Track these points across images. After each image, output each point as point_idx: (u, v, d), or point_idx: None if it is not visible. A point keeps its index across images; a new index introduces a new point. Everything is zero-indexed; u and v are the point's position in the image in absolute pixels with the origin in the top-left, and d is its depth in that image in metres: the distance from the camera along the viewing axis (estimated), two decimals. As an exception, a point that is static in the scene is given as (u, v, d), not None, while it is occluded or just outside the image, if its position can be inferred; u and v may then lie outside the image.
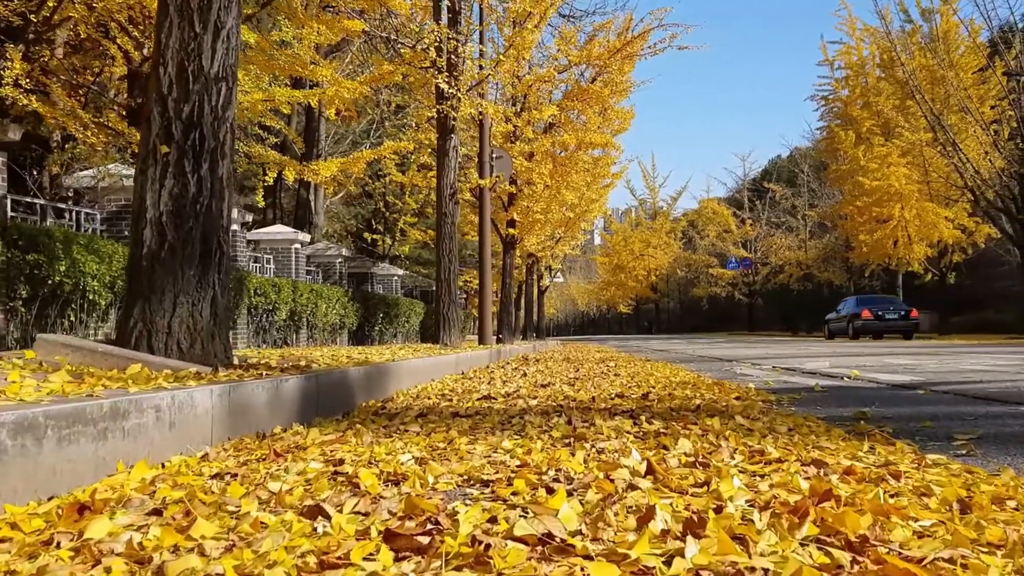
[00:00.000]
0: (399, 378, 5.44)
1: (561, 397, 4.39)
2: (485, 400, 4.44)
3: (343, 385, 4.29)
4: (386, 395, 5.05)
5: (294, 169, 18.72)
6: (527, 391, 4.99)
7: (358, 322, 20.93)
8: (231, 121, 4.36)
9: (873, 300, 28.84)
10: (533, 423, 3.13)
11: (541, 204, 20.26)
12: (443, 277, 12.62)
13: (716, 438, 2.48)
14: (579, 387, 5.22)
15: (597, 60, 19.74)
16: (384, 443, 2.70)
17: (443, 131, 12.70)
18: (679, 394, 4.36)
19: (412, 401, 4.64)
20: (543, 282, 40.65)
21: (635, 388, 4.99)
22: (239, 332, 14.59)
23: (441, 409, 3.87)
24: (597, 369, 7.79)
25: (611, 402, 4.03)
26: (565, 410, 3.66)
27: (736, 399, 4.00)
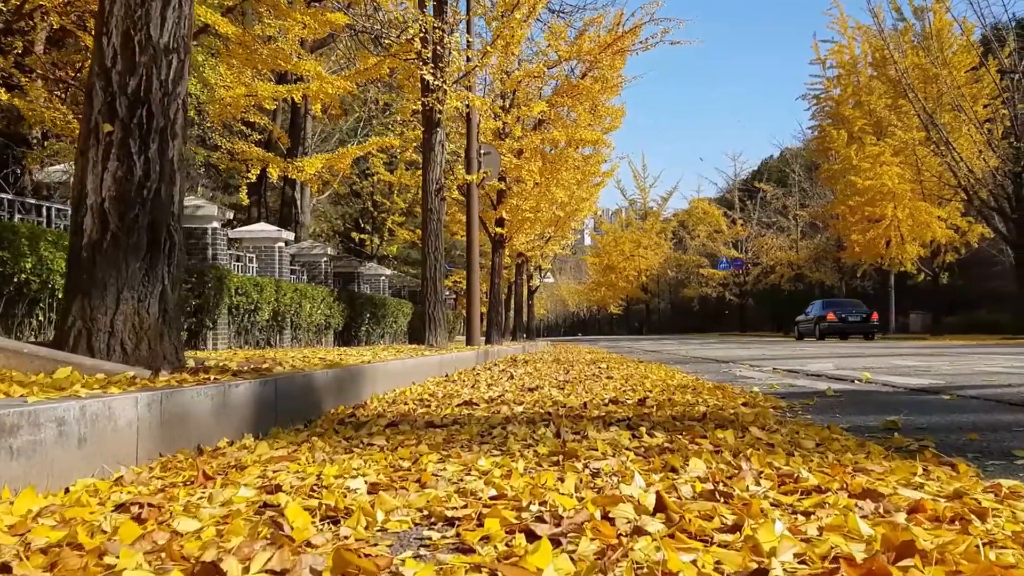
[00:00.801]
0: (374, 381, 5.01)
1: (549, 403, 3.97)
2: (466, 406, 4.02)
3: (308, 390, 3.87)
4: (359, 400, 4.63)
5: (278, 166, 18.25)
6: (512, 396, 4.58)
7: (344, 322, 20.47)
8: (183, 98, 3.93)
9: (837, 304, 30.76)
10: (516, 435, 2.71)
11: (530, 202, 19.85)
12: (429, 275, 12.20)
13: (734, 457, 2.07)
14: (569, 391, 4.81)
15: (587, 55, 19.34)
16: (339, 461, 2.28)
17: (429, 124, 12.27)
18: (679, 399, 3.95)
19: (386, 407, 4.22)
20: (533, 282, 40.24)
21: (630, 392, 4.58)
22: (219, 333, 14.14)
23: (415, 418, 3.45)
24: (588, 371, 7.38)
25: (605, 409, 3.62)
26: (553, 419, 3.25)
27: (744, 405, 3.60)
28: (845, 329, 29.09)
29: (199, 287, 13.51)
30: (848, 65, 36.01)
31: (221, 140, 19.81)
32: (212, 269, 13.76)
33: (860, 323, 29.03)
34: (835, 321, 29.12)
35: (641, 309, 74.90)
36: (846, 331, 29.10)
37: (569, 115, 20.96)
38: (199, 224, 14.38)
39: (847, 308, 29.84)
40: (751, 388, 4.82)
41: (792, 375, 6.49)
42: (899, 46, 30.28)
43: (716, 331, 56.50)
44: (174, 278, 3.87)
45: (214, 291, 13.68)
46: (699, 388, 4.72)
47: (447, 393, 4.97)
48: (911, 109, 28.87)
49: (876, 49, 33.18)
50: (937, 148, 27.63)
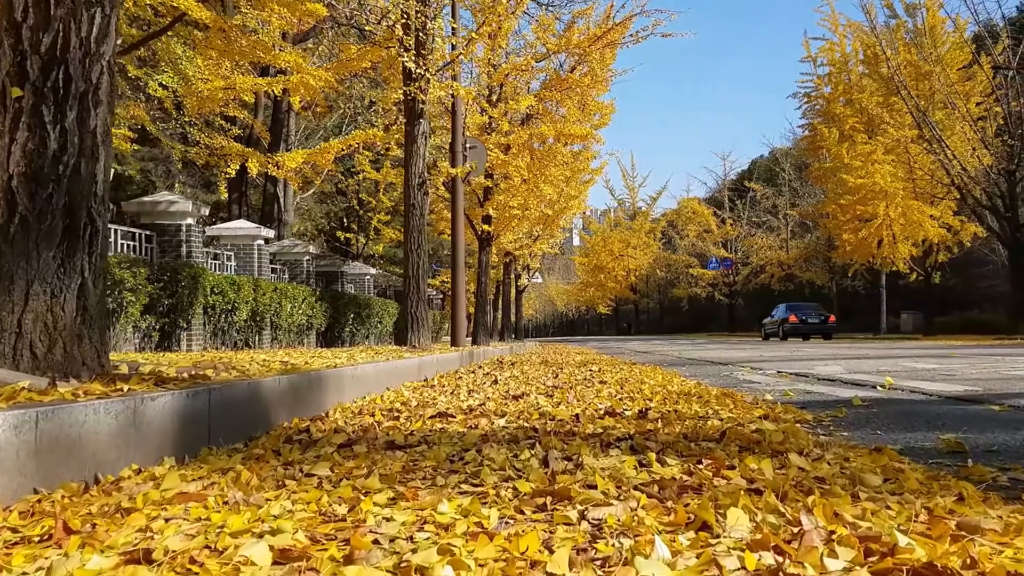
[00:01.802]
0: (340, 388, 4.46)
1: (536, 415, 3.43)
2: (439, 419, 3.47)
3: (254, 401, 3.31)
4: (321, 410, 4.08)
5: (257, 160, 17.66)
6: (495, 405, 4.03)
7: (327, 323, 19.89)
8: (109, 59, 3.37)
9: (799, 307, 33.17)
10: (494, 462, 2.17)
11: (518, 199, 19.29)
12: (411, 273, 11.63)
13: (781, 500, 1.54)
14: (559, 399, 4.27)
15: (577, 48, 18.80)
16: (259, 502, 1.73)
17: (411, 115, 11.70)
18: (686, 410, 3.42)
19: (349, 420, 3.67)
20: (521, 282, 39.69)
21: (627, 401, 4.05)
22: (194, 333, 13.56)
23: (377, 435, 2.90)
24: (579, 375, 6.84)
25: (600, 423, 3.07)
26: (540, 437, 2.70)
27: (764, 419, 3.07)
28: (805, 330, 31.59)
29: (172, 286, 12.93)
30: (839, 63, 35.66)
31: (200, 135, 19.20)
32: (186, 267, 13.18)
33: (819, 325, 31.66)
34: (797, 323, 31.74)
35: (630, 309, 74.51)
36: (807, 332, 31.60)
37: (558, 110, 20.43)
38: (173, 221, 13.79)
39: (807, 311, 32.41)
40: (762, 395, 4.30)
41: (802, 379, 5.96)
42: (891, 43, 29.92)
43: (705, 331, 56.13)
44: (97, 270, 3.29)
45: (188, 290, 13.10)
46: (704, 396, 4.19)
47: (422, 401, 4.42)
48: (903, 107, 28.50)
49: (868, 46, 32.81)
50: (930, 146, 27.26)
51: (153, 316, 12.67)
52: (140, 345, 12.66)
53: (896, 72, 27.48)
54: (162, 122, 22.18)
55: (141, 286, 11.84)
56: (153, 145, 25.83)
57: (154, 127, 21.60)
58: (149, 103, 21.43)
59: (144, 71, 17.52)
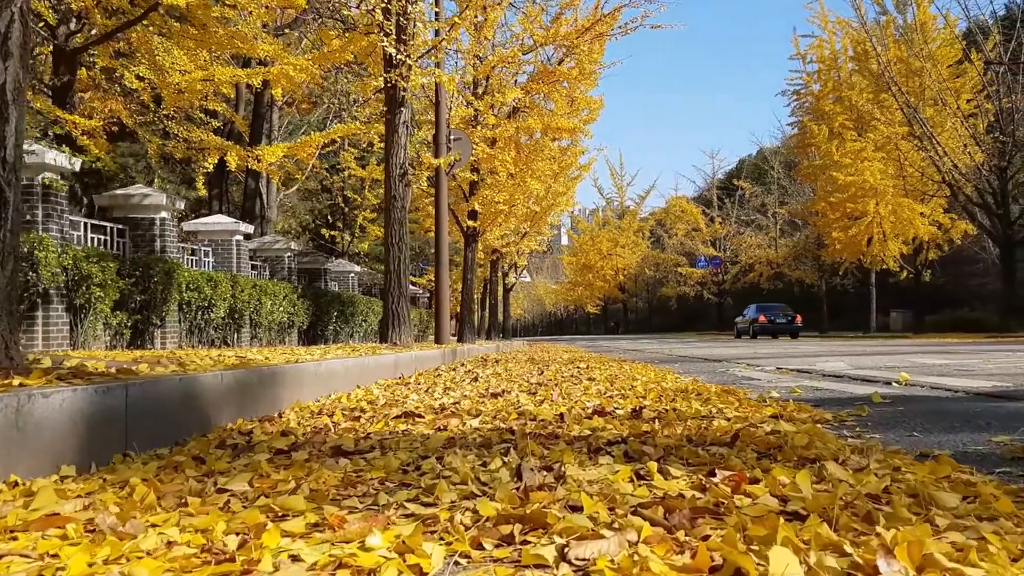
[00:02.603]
0: (300, 386, 4.02)
1: (514, 414, 3.00)
2: (403, 419, 3.04)
3: (189, 400, 2.87)
4: (276, 409, 3.64)
5: (236, 154, 17.17)
6: (470, 403, 3.60)
7: (309, 321, 19.42)
8: (21, 6, 2.91)
9: (768, 308, 35.51)
10: (456, 473, 1.74)
11: (504, 194, 18.85)
12: (393, 268, 11.17)
13: (835, 530, 1.12)
14: (542, 396, 3.84)
15: (564, 40, 18.38)
16: (134, 530, 1.30)
17: (392, 104, 11.25)
18: (686, 409, 3.00)
19: (304, 420, 3.24)
20: (508, 280, 39.24)
21: (618, 399, 3.63)
22: (168, 330, 13.08)
23: (324, 440, 2.46)
24: (566, 372, 6.42)
25: (588, 423, 2.65)
26: (517, 440, 2.28)
27: (776, 418, 2.65)
28: (773, 329, 33.91)
29: (144, 281, 12.45)
30: (828, 60, 35.45)
31: (177, 128, 18.68)
32: (159, 262, 12.70)
33: (786, 324, 33.93)
34: (766, 322, 34.11)
35: (619, 308, 74.21)
36: (774, 331, 33.87)
37: (546, 104, 20.02)
38: (146, 214, 13.31)
39: (776, 312, 34.80)
40: (767, 392, 3.89)
41: (805, 376, 5.54)
42: (881, 40, 29.64)
43: (694, 330, 55.82)
44: (6, 249, 2.84)
45: (162, 286, 12.61)
46: (704, 393, 3.77)
47: (390, 400, 3.98)
48: (893, 104, 28.23)
49: (857, 43, 32.57)
50: (921, 143, 26.99)
51: (124, 313, 12.18)
52: (111, 343, 12.17)
53: (886, 68, 27.20)
54: (140, 115, 21.65)
55: (111, 281, 11.35)
56: (134, 140, 25.27)
57: (131, 120, 21.07)
58: (128, 97, 20.89)
59: (120, 62, 17.03)
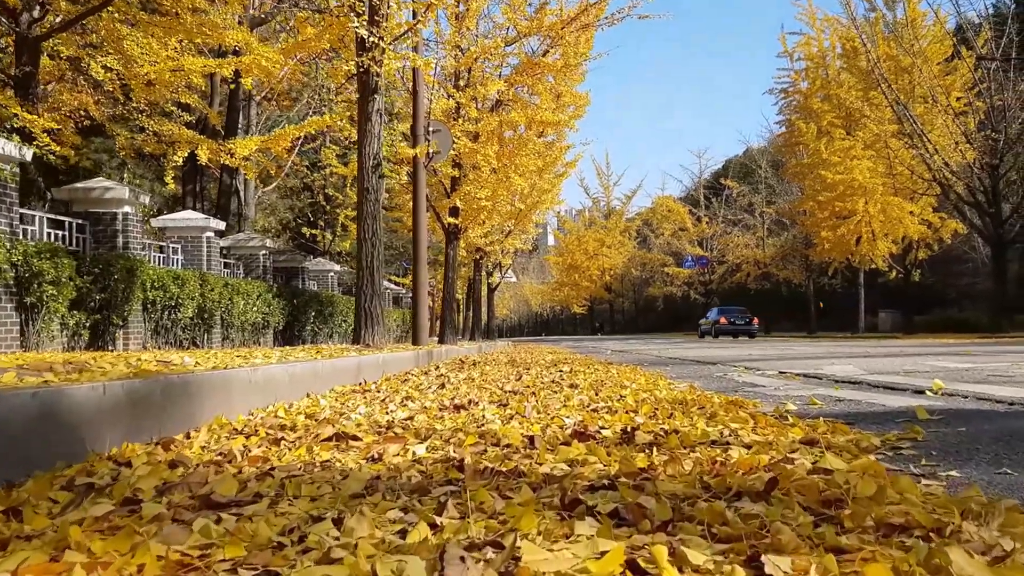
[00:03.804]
0: (227, 398, 3.37)
1: (473, 437, 2.36)
2: (337, 443, 2.40)
3: (49, 421, 2.22)
4: (191, 426, 2.99)
5: (208, 147, 16.50)
6: (425, 419, 2.97)
7: (285, 321, 18.71)
8: None
9: (728, 310, 38.93)
10: (352, 554, 1.10)
11: (487, 190, 18.20)
12: (365, 264, 10.51)
13: None
14: (513, 409, 3.21)
15: (549, 31, 17.77)
16: None
17: (365, 90, 10.59)
18: (688, 430, 2.37)
19: (212, 444, 2.60)
20: (493, 280, 38.59)
21: (605, 414, 3.00)
22: (131, 331, 12.37)
23: (199, 482, 1.82)
24: (547, 376, 5.80)
25: (565, 452, 2.01)
26: (466, 480, 1.65)
27: (807, 444, 2.03)
28: (733, 330, 36.72)
29: (104, 279, 11.75)
30: (816, 58, 35.07)
31: (147, 121, 17.96)
32: (120, 259, 11.99)
33: (744, 326, 36.86)
34: (726, 324, 37.05)
35: (605, 309, 73.74)
36: (734, 332, 36.68)
37: (531, 98, 19.40)
38: (108, 208, 12.61)
39: (735, 314, 37.83)
40: (783, 405, 3.27)
41: (814, 382, 4.92)
42: (871, 37, 29.21)
43: (681, 331, 55.38)
44: None
45: (123, 284, 11.90)
46: (706, 405, 3.14)
47: (335, 413, 3.34)
48: (883, 101, 27.81)
49: (846, 40, 32.19)
50: (911, 140, 26.56)
51: (83, 312, 11.48)
52: (69, 344, 11.47)
53: (876, 65, 26.75)
54: (109, 108, 20.90)
55: (65, 279, 10.65)
56: (107, 136, 24.50)
57: (98, 112, 20.31)
58: (98, 90, 20.15)
59: (86, 52, 16.31)
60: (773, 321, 46.88)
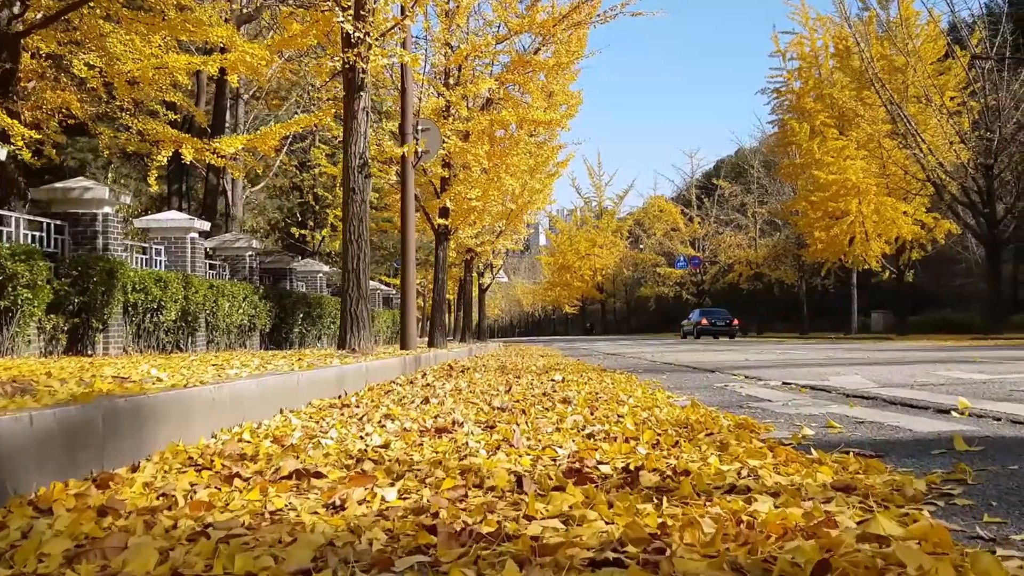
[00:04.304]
0: (185, 420, 3.06)
1: (453, 476, 2.05)
2: (287, 485, 2.09)
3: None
4: (142, 455, 2.68)
5: (192, 146, 16.16)
6: (402, 447, 2.66)
7: (272, 323, 18.38)
8: None
9: (709, 312, 41.24)
10: None
11: (477, 190, 17.88)
12: (351, 267, 10.18)
13: None
14: (501, 435, 2.91)
15: (541, 29, 17.46)
16: None
17: (350, 88, 10.26)
18: (699, 467, 2.07)
19: (158, 480, 2.29)
20: (484, 280, 38.27)
21: (602, 441, 2.70)
22: (111, 335, 12.05)
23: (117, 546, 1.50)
24: (538, 387, 5.49)
25: (559, 501, 1.71)
26: (439, 548, 1.34)
27: (846, 490, 1.73)
28: (713, 331, 38.70)
29: (83, 281, 11.42)
30: (809, 57, 34.89)
31: (131, 120, 17.62)
32: (100, 260, 11.66)
33: (724, 327, 38.76)
34: (707, 325, 38.99)
35: (596, 309, 73.54)
36: (715, 332, 38.68)
37: (522, 97, 19.09)
38: (87, 209, 12.28)
39: (716, 315, 40.01)
40: (799, 431, 2.97)
41: (823, 395, 4.60)
42: (864, 36, 29.02)
43: (672, 331, 55.16)
44: None
45: (103, 286, 11.57)
46: (714, 429, 2.84)
47: (301, 440, 3.03)
48: (876, 101, 27.62)
49: (839, 39, 32.02)
50: (905, 140, 26.37)
51: (60, 316, 11.15)
52: (46, 349, 11.13)
53: (870, 64, 26.55)
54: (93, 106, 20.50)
55: (42, 281, 10.31)
56: (93, 136, 24.12)
57: (81, 110, 19.93)
58: (81, 88, 19.77)
59: (68, 49, 15.95)
60: (765, 322, 46.71)
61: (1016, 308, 30.92)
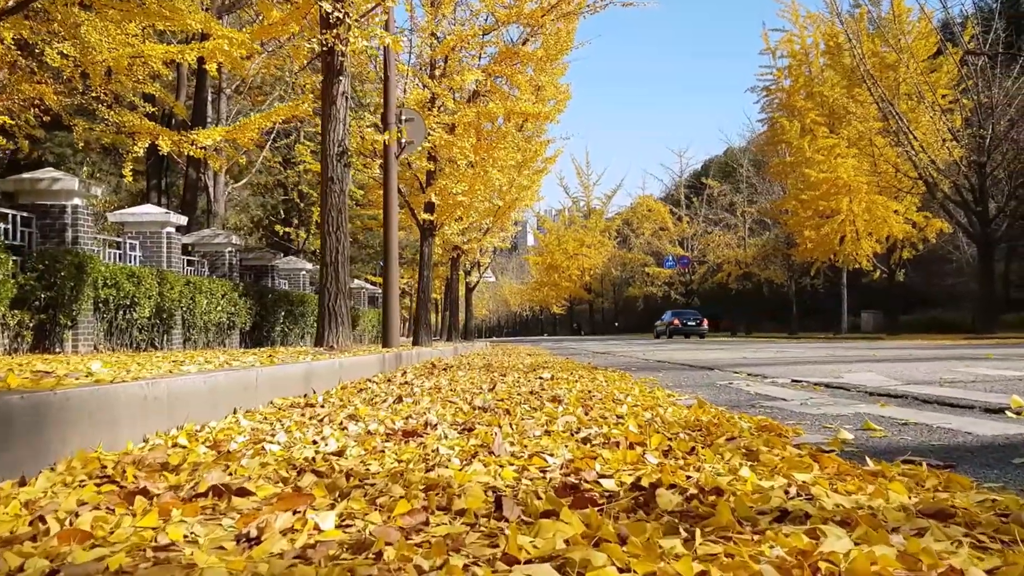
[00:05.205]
0: (112, 421, 2.58)
1: (410, 500, 1.57)
2: (197, 507, 1.61)
3: None
4: (44, 463, 2.19)
5: (169, 137, 15.61)
6: (357, 456, 2.19)
7: (253, 322, 17.81)
8: None
9: (681, 313, 43.18)
10: None
11: (463, 185, 17.39)
12: (329, 260, 9.69)
13: None
14: (480, 439, 2.44)
15: (529, 19, 16.99)
16: None
17: (329, 71, 9.76)
18: (731, 483, 1.61)
19: (46, 496, 1.81)
20: (471, 279, 37.74)
21: (601, 446, 2.23)
22: (81, 332, 11.49)
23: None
24: (524, 385, 5.03)
25: (550, 532, 1.25)
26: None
27: (932, 515, 1.29)
28: (685, 331, 40.64)
29: (50, 276, 10.86)
30: (799, 55, 34.56)
31: (107, 112, 17.06)
32: (68, 254, 11.10)
33: (695, 327, 40.80)
34: (679, 325, 40.97)
35: (585, 309, 73.15)
36: (686, 332, 40.60)
37: (512, 91, 18.61)
38: (56, 201, 11.71)
39: (687, 316, 42.10)
40: (836, 433, 2.52)
41: (843, 395, 4.14)
42: (855, 33, 28.71)
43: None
44: None
45: (72, 281, 11.03)
46: (732, 432, 2.39)
47: (244, 445, 2.55)
48: (867, 98, 27.30)
49: (829, 37, 31.71)
50: (896, 138, 26.04)
51: (25, 312, 10.59)
52: (10, 346, 10.58)
53: (861, 60, 26.21)
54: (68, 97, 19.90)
55: (6, 275, 9.78)
56: (70, 130, 23.52)
57: (55, 101, 19.33)
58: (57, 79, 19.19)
59: (41, 38, 15.37)
60: (754, 321, 46.41)
61: (1008, 308, 30.67)
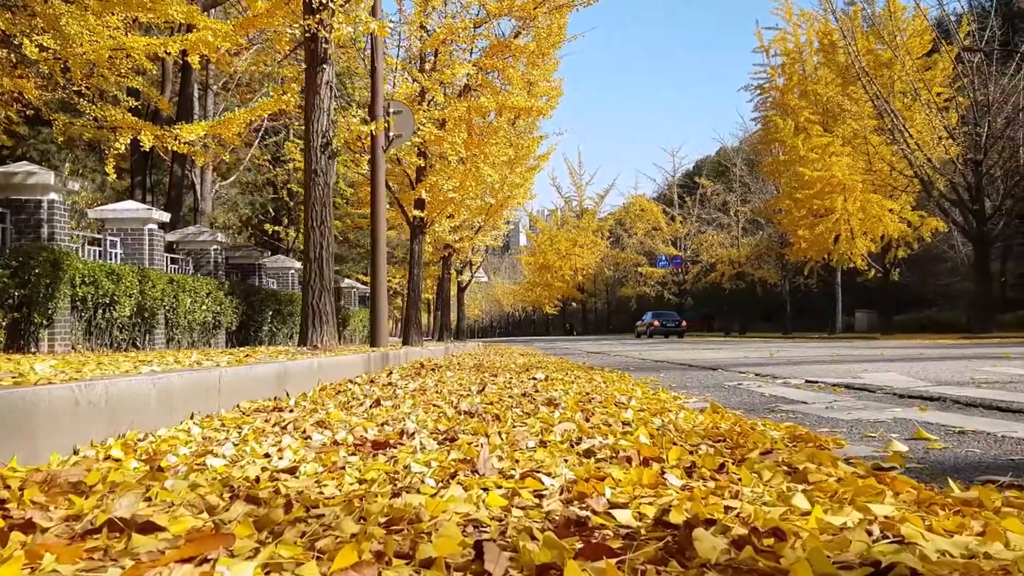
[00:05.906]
0: (30, 429, 2.19)
1: (353, 554, 1.18)
2: (81, 550, 1.21)
3: None
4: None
5: (151, 132, 15.17)
6: (312, 475, 1.79)
7: (239, 321, 17.37)
8: None
9: (661, 314, 45.21)
10: None
11: (454, 181, 16.99)
12: (313, 256, 9.28)
13: None
14: (462, 452, 2.06)
15: (521, 11, 16.61)
16: None
17: (313, 59, 9.35)
18: (789, 517, 1.23)
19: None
20: (463, 279, 37.32)
21: (607, 460, 1.85)
22: (58, 331, 11.05)
23: None
24: (516, 387, 4.64)
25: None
26: None
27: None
28: (664, 331, 42.46)
29: (24, 273, 10.42)
30: (793, 53, 34.26)
31: (87, 106, 16.58)
32: (43, 251, 10.66)
33: (674, 327, 42.72)
34: (659, 325, 42.93)
35: (577, 309, 72.81)
36: (665, 332, 42.41)
37: (504, 86, 18.22)
38: (31, 195, 11.28)
39: (667, 317, 44.31)
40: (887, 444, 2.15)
41: (869, 397, 3.77)
42: (850, 30, 28.42)
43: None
44: None
45: (47, 279, 10.59)
46: (761, 442, 2.03)
47: (187, 458, 2.15)
48: (862, 96, 27.01)
49: (824, 35, 31.40)
50: (892, 136, 25.75)
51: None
52: (-18, 346, 10.16)
53: (856, 58, 25.91)
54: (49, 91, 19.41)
55: (-27, 273, 9.37)
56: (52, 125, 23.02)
57: (36, 96, 18.84)
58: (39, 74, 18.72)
59: (19, 29, 14.89)
60: (748, 321, 46.15)
61: (1005, 307, 30.43)
